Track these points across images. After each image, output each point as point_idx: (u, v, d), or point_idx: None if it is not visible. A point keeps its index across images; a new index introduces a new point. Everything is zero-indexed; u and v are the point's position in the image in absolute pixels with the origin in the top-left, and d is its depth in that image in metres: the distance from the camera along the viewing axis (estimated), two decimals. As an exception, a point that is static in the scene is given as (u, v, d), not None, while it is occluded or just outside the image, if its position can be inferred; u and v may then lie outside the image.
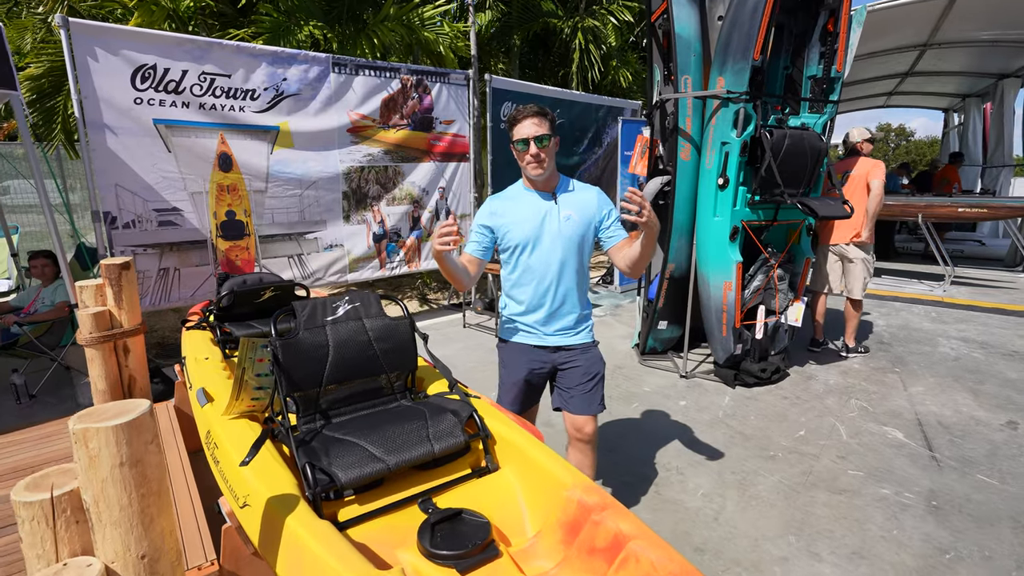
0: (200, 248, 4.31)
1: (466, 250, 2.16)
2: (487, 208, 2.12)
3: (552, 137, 1.97)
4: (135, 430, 1.01)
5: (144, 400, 1.07)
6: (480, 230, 2.11)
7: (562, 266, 2.04)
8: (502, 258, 2.16)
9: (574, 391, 2.11)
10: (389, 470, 1.56)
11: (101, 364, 2.87)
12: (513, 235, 2.05)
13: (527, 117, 1.95)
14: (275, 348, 1.79)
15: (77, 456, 1.01)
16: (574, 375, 2.11)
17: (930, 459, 3.01)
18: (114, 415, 1.01)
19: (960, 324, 5.50)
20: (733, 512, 2.55)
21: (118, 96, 3.84)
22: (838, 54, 3.69)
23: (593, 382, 2.11)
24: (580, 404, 2.11)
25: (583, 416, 2.11)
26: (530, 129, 1.93)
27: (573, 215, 2.04)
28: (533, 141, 1.93)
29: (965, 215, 7.01)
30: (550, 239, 2.03)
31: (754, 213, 3.79)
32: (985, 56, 9.37)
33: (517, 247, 2.06)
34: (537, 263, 2.05)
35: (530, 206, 2.05)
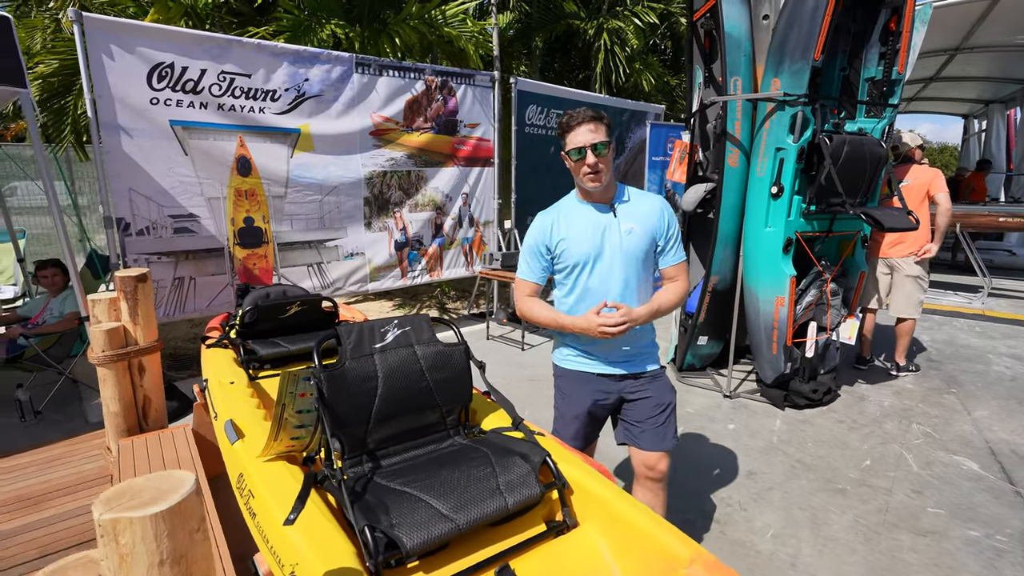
0: (217, 256, 4.09)
1: (523, 277, 1.94)
2: (539, 225, 1.91)
3: (610, 143, 1.77)
4: (179, 518, 0.78)
5: (188, 474, 0.84)
6: (538, 252, 1.90)
7: (625, 285, 1.83)
8: (556, 279, 1.95)
9: (644, 425, 1.89)
10: (460, 531, 1.33)
11: (114, 384, 2.65)
12: (570, 253, 1.85)
13: (582, 123, 1.74)
14: (320, 381, 1.56)
15: (104, 551, 0.78)
16: (643, 407, 1.90)
17: (1014, 495, 2.75)
18: (151, 498, 0.78)
19: (1009, 340, 5.24)
20: (811, 556, 2.30)
21: (134, 96, 3.63)
22: (900, 54, 3.45)
23: (665, 413, 1.90)
24: (652, 439, 1.88)
25: (656, 452, 1.88)
26: (586, 136, 1.73)
27: (635, 228, 1.83)
28: (590, 149, 1.73)
29: (1007, 224, 6.75)
30: (611, 256, 1.82)
31: (808, 224, 3.54)
32: (1014, 60, 9.11)
33: (576, 267, 1.85)
34: (598, 283, 1.84)
35: (587, 220, 1.85)
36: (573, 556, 1.39)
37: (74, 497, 2.51)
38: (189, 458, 2.60)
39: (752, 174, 3.63)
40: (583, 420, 1.95)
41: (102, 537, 0.76)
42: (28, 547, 2.16)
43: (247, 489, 1.56)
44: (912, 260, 4.05)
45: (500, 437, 1.75)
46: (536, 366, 4.65)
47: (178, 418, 3.61)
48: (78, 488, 2.60)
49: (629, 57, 7.67)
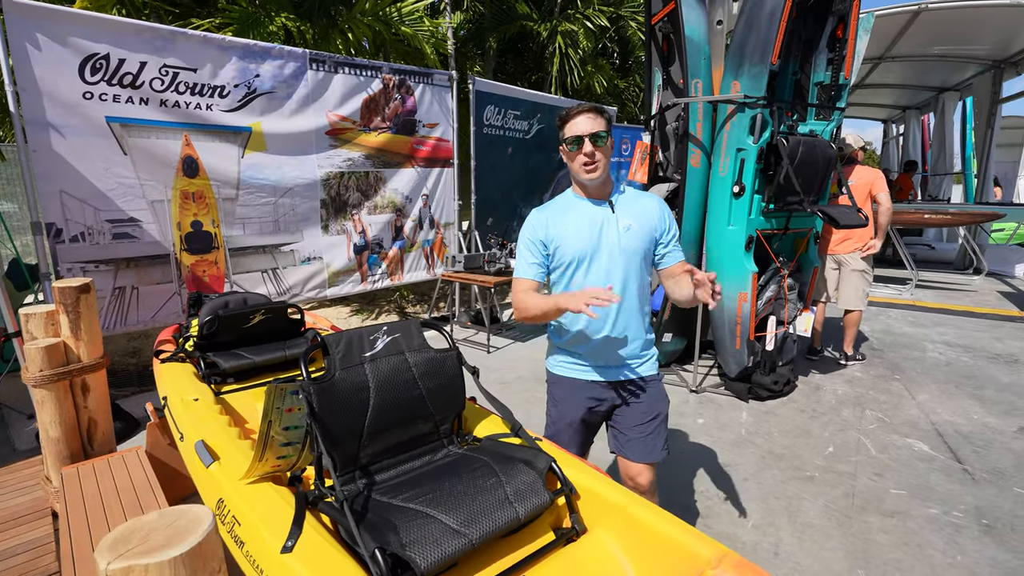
0: (162, 263, 3.80)
1: (521, 275, 1.84)
2: (534, 221, 1.84)
3: (608, 137, 1.72)
4: (200, 560, 0.69)
5: (203, 509, 0.74)
6: (535, 248, 1.82)
7: (624, 285, 1.77)
8: (552, 277, 1.88)
9: (632, 432, 1.83)
10: (473, 546, 1.26)
11: (54, 407, 2.40)
12: (566, 250, 1.77)
13: (581, 112, 1.70)
14: (309, 394, 1.45)
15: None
16: (633, 413, 1.84)
17: (963, 472, 2.94)
18: (166, 540, 0.68)
19: (938, 328, 5.65)
20: (791, 545, 2.37)
21: (64, 90, 3.32)
22: (846, 61, 3.64)
23: (655, 423, 1.83)
24: (638, 449, 1.82)
25: (640, 464, 1.83)
26: (585, 125, 1.68)
27: (634, 225, 1.77)
28: (588, 139, 1.68)
29: (931, 221, 7.29)
30: (609, 253, 1.76)
31: (768, 222, 3.68)
32: (928, 70, 9.87)
33: (571, 264, 1.78)
34: (595, 282, 1.77)
35: (584, 216, 1.78)
36: (588, 563, 1.35)
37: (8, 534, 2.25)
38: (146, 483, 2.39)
39: (714, 174, 3.73)
40: (576, 427, 1.89)
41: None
42: (-42, 593, 1.92)
43: (230, 515, 1.43)
44: (858, 255, 4.29)
45: (498, 444, 1.69)
46: (503, 369, 4.61)
47: (124, 440, 3.33)
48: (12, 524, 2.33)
49: (582, 60, 7.76)
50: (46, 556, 2.08)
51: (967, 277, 8.31)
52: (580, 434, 1.91)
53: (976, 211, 7.17)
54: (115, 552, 0.66)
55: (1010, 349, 4.95)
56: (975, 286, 7.67)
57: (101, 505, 2.03)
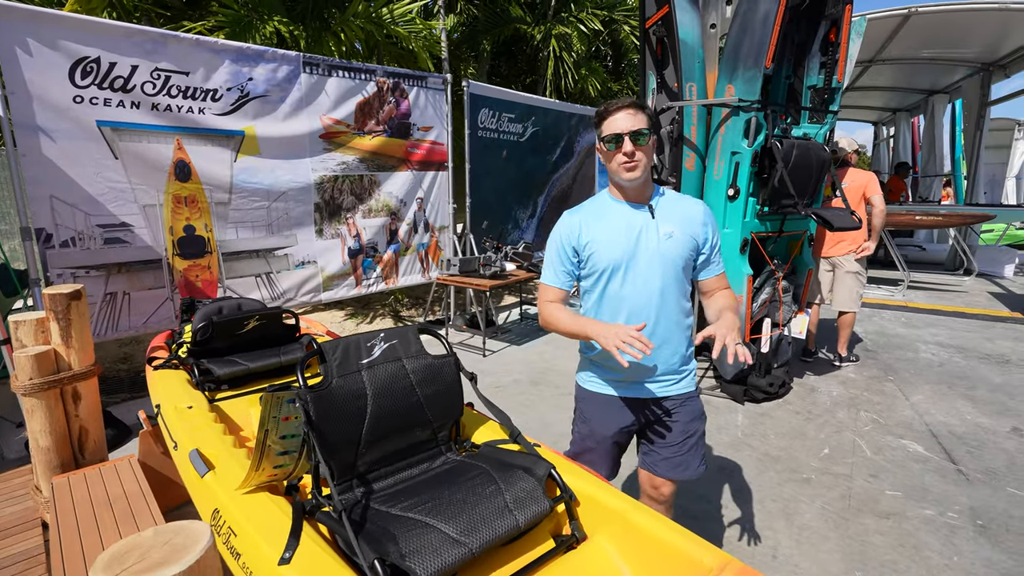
0: (154, 268, 3.76)
1: (547, 282, 1.74)
2: (566, 224, 1.71)
3: (652, 134, 1.60)
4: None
5: (202, 525, 0.73)
6: (564, 254, 1.70)
7: (662, 295, 1.64)
8: (583, 285, 1.76)
9: (667, 451, 1.73)
10: (473, 555, 1.25)
11: (44, 416, 2.36)
12: (600, 257, 1.65)
13: (620, 109, 1.58)
14: (306, 403, 1.44)
15: (107, 626, 0.66)
16: (670, 432, 1.73)
17: (957, 473, 2.96)
18: (163, 557, 0.67)
19: (931, 328, 5.69)
20: (789, 547, 2.37)
21: (54, 93, 3.29)
22: (839, 64, 3.66)
23: (692, 441, 1.72)
24: (670, 467, 1.73)
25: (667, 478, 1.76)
26: (625, 122, 1.56)
27: (675, 232, 1.64)
28: (628, 137, 1.55)
29: (922, 223, 7.35)
30: (648, 262, 1.63)
31: (762, 224, 3.69)
32: (918, 73, 9.98)
33: (605, 272, 1.66)
34: (632, 292, 1.65)
35: (621, 220, 1.65)
36: (588, 571, 1.34)
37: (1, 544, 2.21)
38: (139, 492, 2.36)
39: (709, 177, 3.74)
40: (607, 447, 1.78)
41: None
42: (-57, 608, 1.88)
43: (226, 526, 1.41)
44: (852, 257, 4.31)
45: (495, 451, 1.68)
46: (499, 373, 4.59)
47: (116, 448, 3.29)
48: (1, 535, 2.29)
49: (576, 63, 7.78)
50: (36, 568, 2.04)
51: (958, 278, 8.39)
52: (610, 455, 1.81)
53: (966, 212, 7.24)
54: (111, 571, 0.64)
55: (1001, 349, 5.00)
56: (966, 287, 7.75)
57: (93, 515, 2.00)
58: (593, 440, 1.80)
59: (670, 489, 1.79)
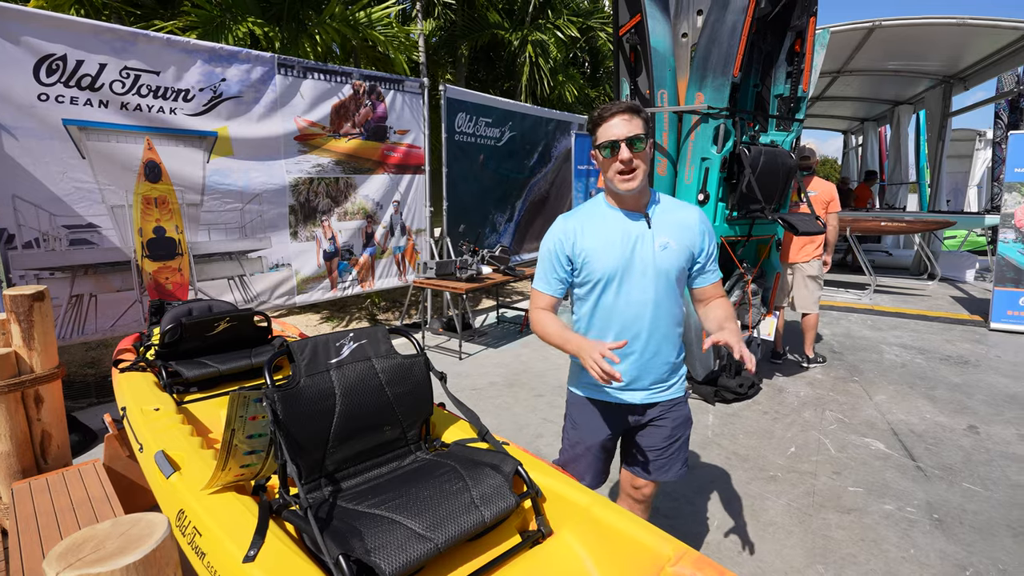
0: (122, 270, 3.69)
1: (539, 288, 1.70)
2: (559, 230, 1.66)
3: (648, 139, 1.55)
4: (154, 568, 0.68)
5: (159, 517, 0.73)
6: (557, 261, 1.66)
7: (656, 307, 1.62)
8: (576, 294, 1.73)
9: (651, 454, 1.75)
10: (439, 550, 1.27)
11: (5, 420, 2.31)
12: (595, 267, 1.61)
13: (616, 114, 1.52)
14: (273, 402, 1.44)
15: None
16: (654, 437, 1.74)
17: (916, 469, 3.07)
18: (118, 548, 0.67)
19: (895, 331, 5.87)
20: (754, 542, 2.43)
21: (18, 91, 3.22)
22: (804, 74, 3.78)
23: (676, 445, 1.75)
24: (653, 470, 1.75)
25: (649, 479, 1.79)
26: (620, 128, 1.50)
27: (671, 243, 1.60)
28: (624, 144, 1.50)
29: (888, 228, 7.59)
30: (642, 273, 1.60)
31: (732, 229, 3.78)
32: (884, 84, 10.32)
33: (599, 282, 1.63)
34: (625, 304, 1.62)
35: (616, 230, 1.61)
36: (553, 565, 1.37)
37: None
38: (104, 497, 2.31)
39: (680, 182, 3.82)
40: (596, 453, 1.78)
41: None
42: None
43: (191, 526, 1.40)
44: (812, 262, 4.43)
45: (465, 449, 1.70)
46: (475, 375, 4.60)
47: (81, 453, 3.21)
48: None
49: (553, 69, 7.87)
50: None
51: (922, 282, 8.67)
52: (600, 460, 1.81)
53: (929, 219, 7.50)
54: (65, 561, 0.65)
55: (960, 351, 5.19)
56: (929, 291, 8.01)
57: (55, 521, 1.96)
58: (583, 446, 1.79)
59: (651, 490, 1.82)
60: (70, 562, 0.65)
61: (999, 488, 2.87)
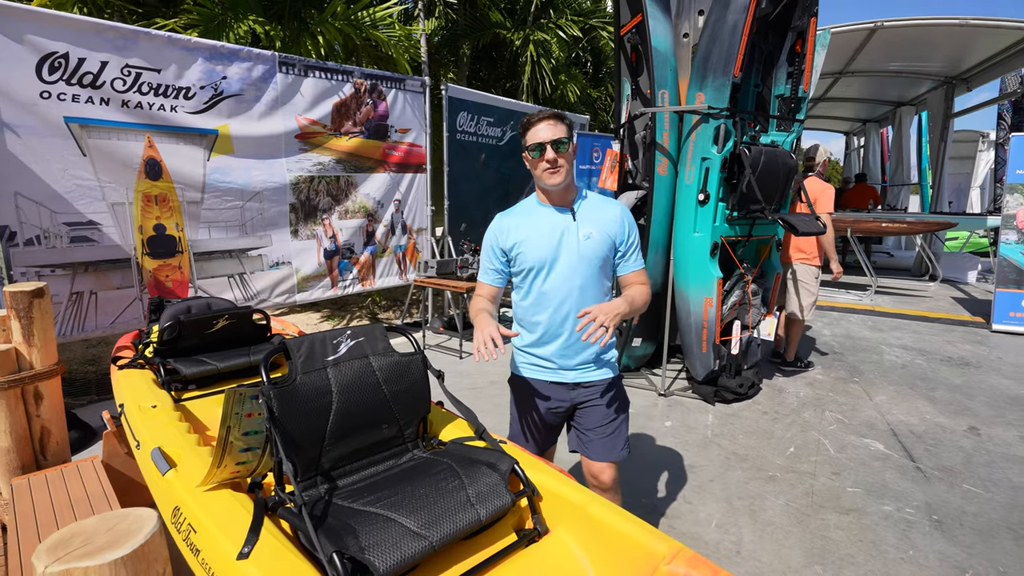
0: (122, 268, 3.70)
1: (482, 279, 1.92)
2: (496, 227, 1.89)
3: (570, 142, 1.76)
4: (143, 563, 0.68)
5: (148, 512, 0.73)
6: (493, 254, 1.89)
7: (582, 291, 1.81)
8: (514, 282, 1.93)
9: (592, 434, 1.89)
10: (434, 548, 1.26)
11: (5, 416, 2.31)
12: (526, 257, 1.82)
13: (542, 120, 1.74)
14: (269, 399, 1.44)
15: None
16: (594, 415, 1.89)
17: (915, 470, 3.06)
18: (107, 542, 0.67)
19: (895, 332, 5.86)
20: (752, 543, 2.43)
21: (20, 89, 3.22)
22: (805, 74, 3.78)
23: (615, 423, 1.89)
24: (599, 449, 1.88)
25: (601, 463, 1.89)
26: (546, 132, 1.72)
27: (594, 233, 1.81)
28: (549, 145, 1.71)
29: (889, 230, 7.57)
30: (567, 261, 1.80)
31: (732, 229, 3.78)
32: (886, 85, 10.30)
33: (531, 270, 1.83)
34: (553, 288, 1.81)
35: (545, 223, 1.82)
36: (548, 563, 1.37)
37: (-48, 551, 2.15)
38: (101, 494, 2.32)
39: (680, 182, 3.82)
40: (536, 426, 1.94)
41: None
42: None
43: (186, 523, 1.40)
44: (806, 267, 4.39)
45: (462, 447, 1.70)
46: (475, 374, 4.60)
47: (80, 450, 3.22)
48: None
49: (555, 69, 7.86)
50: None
51: (923, 283, 8.65)
52: (540, 433, 1.95)
53: (931, 220, 7.48)
54: (54, 555, 0.65)
55: (961, 352, 5.17)
56: (930, 292, 7.99)
57: (54, 517, 1.96)
58: (525, 420, 1.95)
59: (609, 476, 1.89)
60: (59, 556, 0.65)
61: (1000, 490, 2.86)
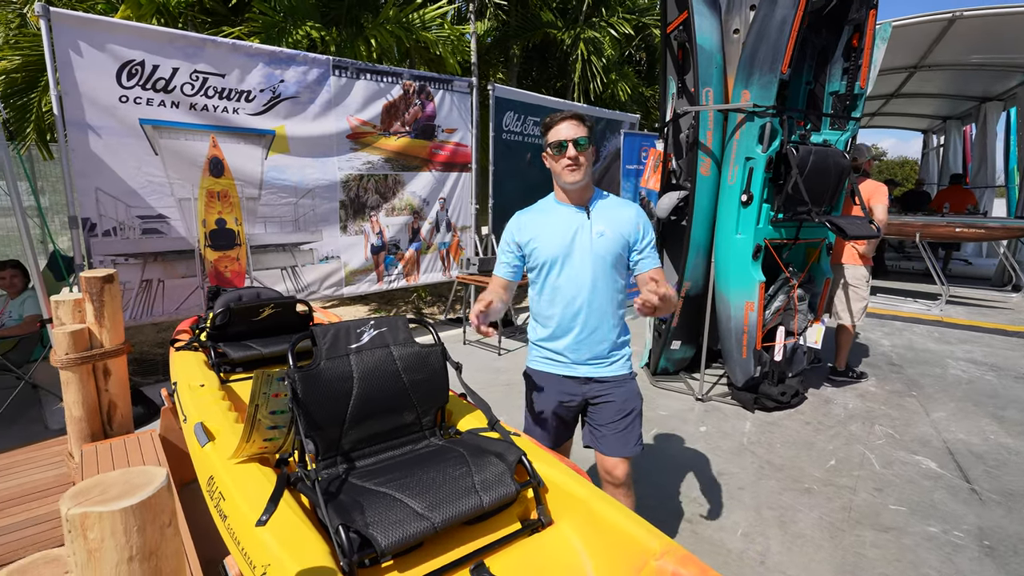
0: (187, 258, 4.00)
1: (496, 272, 1.99)
2: (514, 223, 1.97)
3: (590, 143, 1.81)
4: (150, 513, 0.77)
5: (159, 469, 0.83)
6: (508, 248, 1.95)
7: (593, 287, 1.86)
8: (529, 277, 1.99)
9: (605, 429, 1.91)
10: (436, 530, 1.33)
11: (78, 388, 2.57)
12: (541, 252, 1.88)
13: (564, 119, 1.80)
14: (294, 381, 1.55)
15: (71, 548, 0.76)
16: (606, 411, 1.91)
17: (970, 492, 2.87)
18: (121, 492, 0.77)
19: (965, 345, 5.46)
20: (779, 554, 2.36)
21: (102, 93, 3.55)
22: (862, 70, 3.59)
23: (628, 419, 1.90)
24: (613, 444, 1.91)
25: (614, 458, 1.91)
26: (568, 131, 1.79)
27: (607, 231, 1.85)
28: (571, 143, 1.77)
29: (962, 235, 7.04)
30: (581, 257, 1.85)
31: (776, 231, 3.65)
32: (969, 79, 9.56)
33: (545, 265, 1.89)
34: (566, 283, 1.87)
35: (561, 221, 1.88)
36: (547, 553, 1.41)
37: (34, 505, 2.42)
38: (156, 463, 2.54)
39: (723, 182, 3.72)
40: (550, 420, 1.98)
41: (69, 532, 0.75)
42: (-16, 557, 2.08)
43: (218, 492, 1.53)
44: (853, 267, 4.15)
45: (475, 437, 1.76)
46: (512, 371, 4.66)
47: (144, 424, 3.51)
48: (37, 496, 2.50)
49: (605, 67, 7.80)
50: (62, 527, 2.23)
51: (1004, 294, 7.98)
52: (553, 427, 1.98)
53: (1012, 225, 6.89)
54: (76, 501, 0.75)
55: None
56: (1012, 304, 7.37)
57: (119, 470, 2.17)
58: (538, 413, 1.98)
59: (623, 471, 1.90)
60: (80, 501, 0.75)
61: (1065, 519, 2.63)
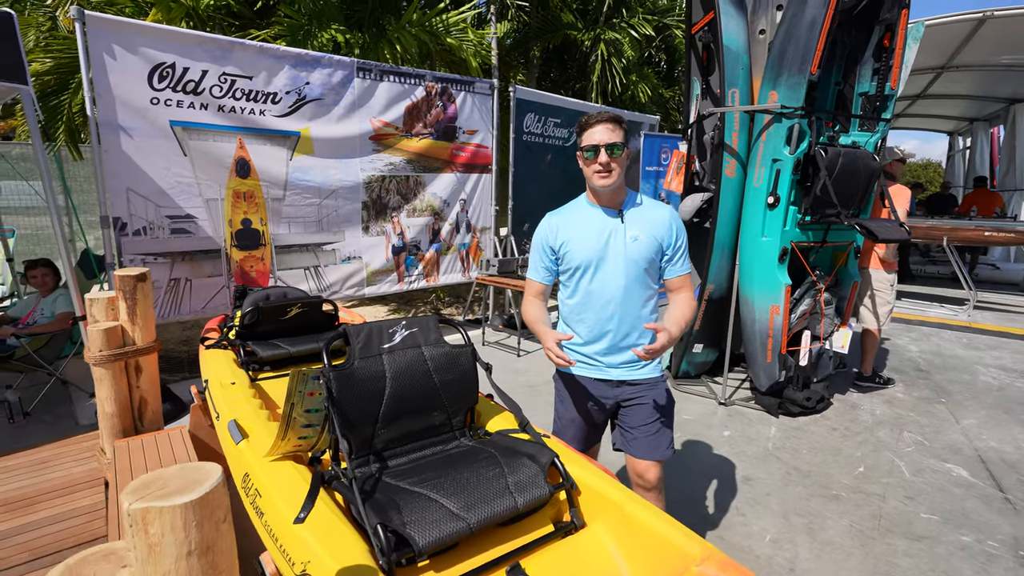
0: (213, 258, 4.06)
1: (531, 276, 1.98)
2: (546, 225, 1.94)
3: (625, 147, 1.77)
4: (208, 508, 0.78)
5: (214, 466, 0.84)
6: (543, 252, 1.94)
7: (626, 291, 1.84)
8: (561, 280, 1.97)
9: (637, 432, 1.90)
10: (471, 530, 1.33)
11: (110, 385, 2.61)
12: (574, 256, 1.86)
13: (600, 122, 1.75)
14: (329, 380, 1.56)
15: (132, 542, 0.78)
16: (638, 413, 1.90)
17: (1004, 501, 2.80)
18: (179, 487, 0.78)
19: (994, 351, 5.33)
20: (808, 561, 2.32)
21: (134, 95, 3.62)
22: (893, 71, 3.53)
23: (660, 422, 1.89)
24: (644, 447, 1.89)
25: (646, 461, 1.89)
26: (602, 135, 1.74)
27: (641, 236, 1.82)
28: (604, 148, 1.73)
29: (991, 239, 6.89)
30: (614, 262, 1.83)
31: (804, 234, 3.60)
32: (998, 80, 9.35)
33: (578, 269, 1.87)
34: (599, 288, 1.85)
35: (593, 223, 1.85)
36: (582, 556, 1.40)
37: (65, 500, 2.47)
38: (186, 459, 2.57)
39: (749, 184, 3.68)
40: (580, 423, 1.98)
41: (131, 527, 0.76)
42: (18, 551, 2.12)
43: (253, 488, 1.55)
44: (878, 271, 4.07)
45: (506, 439, 1.75)
46: (532, 372, 4.66)
47: (172, 420, 3.57)
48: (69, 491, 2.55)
49: (625, 68, 7.77)
50: (96, 521, 2.27)
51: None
52: (584, 430, 1.99)
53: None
54: (137, 495, 0.76)
55: (1074, 377, 4.64)
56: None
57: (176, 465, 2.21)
58: (568, 417, 1.99)
59: (654, 475, 1.88)
60: (141, 496, 0.76)
61: (1106, 531, 2.56)
